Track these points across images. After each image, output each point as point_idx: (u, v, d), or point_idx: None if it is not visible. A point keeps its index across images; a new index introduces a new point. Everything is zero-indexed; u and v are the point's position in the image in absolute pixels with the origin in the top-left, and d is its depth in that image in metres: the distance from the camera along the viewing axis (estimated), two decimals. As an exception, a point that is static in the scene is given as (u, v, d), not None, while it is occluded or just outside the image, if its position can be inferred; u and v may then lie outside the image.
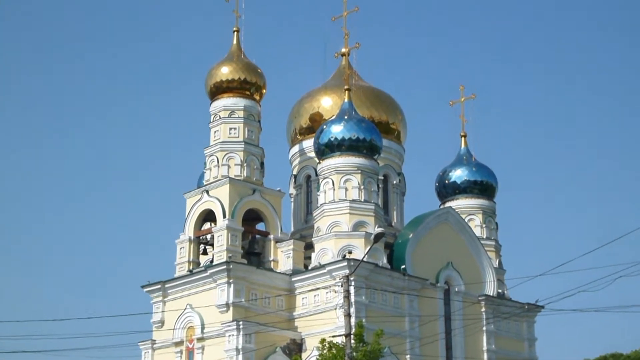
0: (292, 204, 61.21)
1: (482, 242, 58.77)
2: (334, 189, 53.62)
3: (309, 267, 52.97)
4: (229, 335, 49.42)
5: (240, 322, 49.24)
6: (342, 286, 36.11)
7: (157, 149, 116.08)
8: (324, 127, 55.61)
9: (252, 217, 54.45)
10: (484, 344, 56.18)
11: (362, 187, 53.55)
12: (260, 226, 55.48)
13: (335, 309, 49.04)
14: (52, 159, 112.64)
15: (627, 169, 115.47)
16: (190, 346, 51.67)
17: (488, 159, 64.33)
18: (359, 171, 53.89)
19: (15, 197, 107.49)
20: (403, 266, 52.80)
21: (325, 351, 40.55)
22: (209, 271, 51.34)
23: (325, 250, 52.54)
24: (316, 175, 57.27)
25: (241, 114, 55.55)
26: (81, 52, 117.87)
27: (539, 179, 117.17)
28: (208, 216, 54.29)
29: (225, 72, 56.34)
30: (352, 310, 37.10)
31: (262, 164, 55.67)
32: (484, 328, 55.98)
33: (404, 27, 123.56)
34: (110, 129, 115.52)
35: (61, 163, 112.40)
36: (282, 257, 53.82)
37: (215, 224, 53.31)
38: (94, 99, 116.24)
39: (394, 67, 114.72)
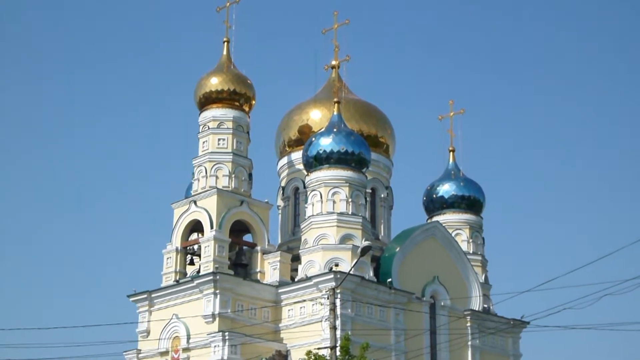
0: (280, 215, 61.16)
1: (469, 257, 58.83)
2: (322, 202, 53.67)
3: (296, 279, 52.97)
4: (215, 346, 49.37)
5: (226, 333, 49.20)
6: (328, 299, 36.11)
7: (145, 159, 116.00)
8: (313, 139, 55.68)
9: (239, 229, 54.43)
10: (469, 358, 56.22)
11: (350, 200, 53.62)
12: (247, 237, 55.44)
13: (321, 321, 48.98)
14: (39, 168, 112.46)
15: (616, 186, 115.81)
16: (176, 356, 51.57)
17: (476, 174, 64.54)
18: (347, 184, 53.94)
19: (2, 206, 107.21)
20: (389, 280, 52.85)
21: (310, 363, 40.51)
22: (196, 281, 51.32)
23: (312, 262, 52.58)
24: (304, 187, 57.29)
25: (230, 125, 55.53)
26: (70, 63, 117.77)
27: (527, 194, 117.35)
28: (195, 227, 54.24)
29: (214, 82, 56.33)
30: (338, 322, 37.18)
31: (250, 175, 55.66)
32: (469, 343, 56.03)
33: (394, 40, 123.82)
34: (99, 139, 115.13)
35: (48, 173, 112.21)
36: (269, 268, 53.81)
37: (203, 235, 53.31)
38: (83, 109, 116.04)
39: (383, 81, 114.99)
